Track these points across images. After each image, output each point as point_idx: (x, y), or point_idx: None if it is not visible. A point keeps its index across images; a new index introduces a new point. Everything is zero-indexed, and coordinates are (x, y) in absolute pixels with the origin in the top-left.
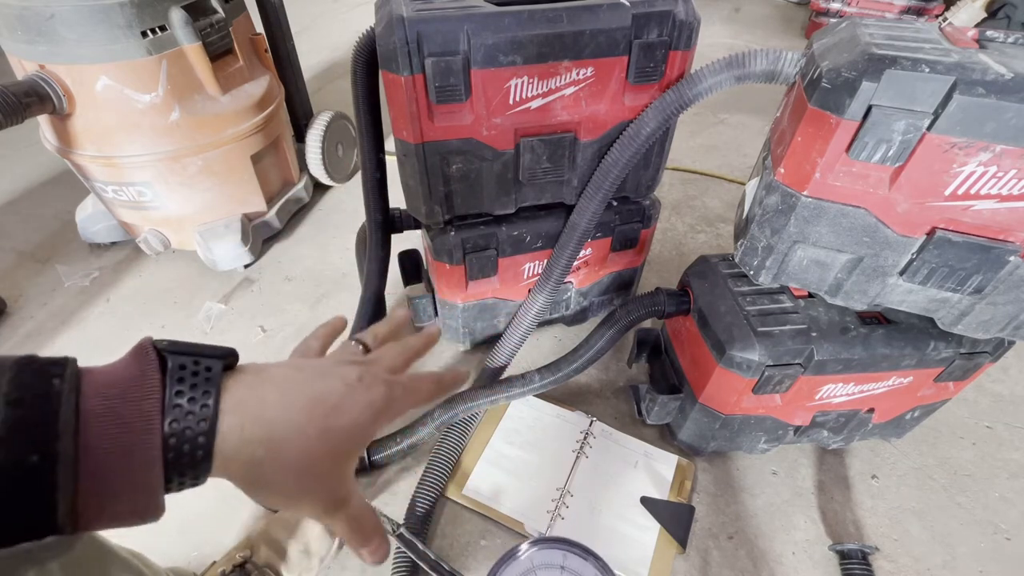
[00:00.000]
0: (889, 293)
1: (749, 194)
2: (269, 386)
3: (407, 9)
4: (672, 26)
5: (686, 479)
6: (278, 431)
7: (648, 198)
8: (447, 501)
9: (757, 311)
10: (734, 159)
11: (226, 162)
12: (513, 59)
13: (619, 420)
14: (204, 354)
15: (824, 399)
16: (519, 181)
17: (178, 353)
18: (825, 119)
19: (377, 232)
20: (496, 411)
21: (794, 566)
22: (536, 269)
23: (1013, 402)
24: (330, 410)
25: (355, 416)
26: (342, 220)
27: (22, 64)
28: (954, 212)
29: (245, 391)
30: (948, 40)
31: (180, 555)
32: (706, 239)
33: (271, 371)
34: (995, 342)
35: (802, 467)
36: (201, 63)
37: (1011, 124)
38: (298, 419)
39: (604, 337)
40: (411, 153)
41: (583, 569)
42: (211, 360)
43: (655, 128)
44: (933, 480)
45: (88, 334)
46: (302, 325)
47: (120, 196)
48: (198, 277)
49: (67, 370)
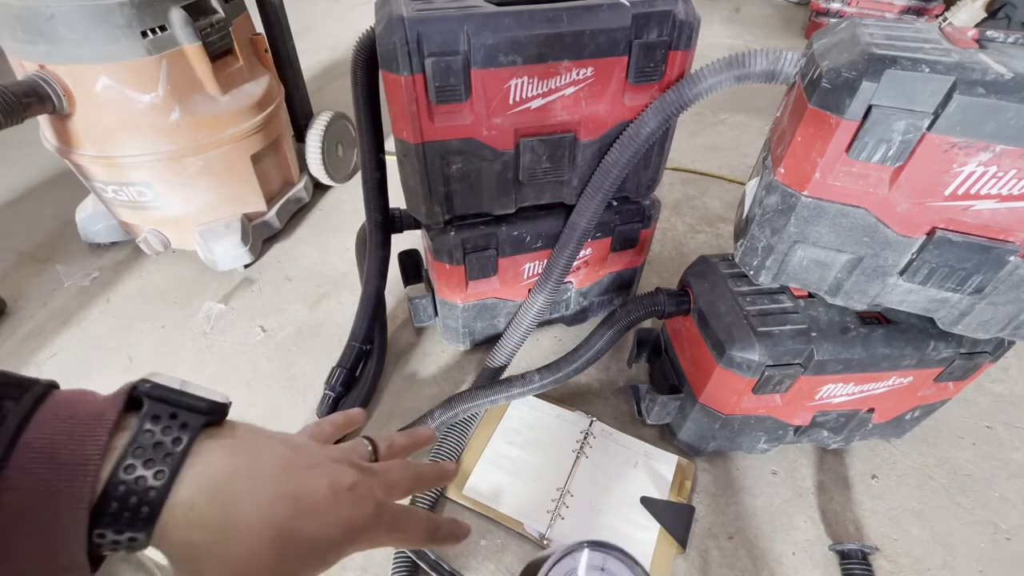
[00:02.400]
0: (889, 293)
1: (749, 194)
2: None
3: (407, 9)
4: (672, 26)
5: (686, 479)
6: (231, 520)
7: (648, 198)
8: (447, 501)
9: (757, 311)
10: (734, 159)
11: (226, 162)
12: (513, 59)
13: (619, 420)
14: (186, 406)
15: (824, 399)
16: (519, 181)
17: (158, 400)
18: (825, 119)
19: (377, 232)
20: (496, 411)
21: (794, 566)
22: (536, 269)
23: (1013, 402)
24: (300, 512)
25: (325, 529)
26: (342, 220)
27: (22, 64)
28: (954, 212)
29: (217, 460)
30: (948, 40)
31: None
32: (706, 239)
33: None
34: (995, 342)
35: (802, 467)
36: (201, 63)
37: (1011, 124)
38: (258, 513)
39: (604, 337)
40: (411, 153)
41: (620, 571)
42: (191, 415)
43: (655, 128)
44: (933, 480)
45: (88, 334)
46: (302, 325)
47: (120, 196)
48: (198, 277)
49: (27, 394)
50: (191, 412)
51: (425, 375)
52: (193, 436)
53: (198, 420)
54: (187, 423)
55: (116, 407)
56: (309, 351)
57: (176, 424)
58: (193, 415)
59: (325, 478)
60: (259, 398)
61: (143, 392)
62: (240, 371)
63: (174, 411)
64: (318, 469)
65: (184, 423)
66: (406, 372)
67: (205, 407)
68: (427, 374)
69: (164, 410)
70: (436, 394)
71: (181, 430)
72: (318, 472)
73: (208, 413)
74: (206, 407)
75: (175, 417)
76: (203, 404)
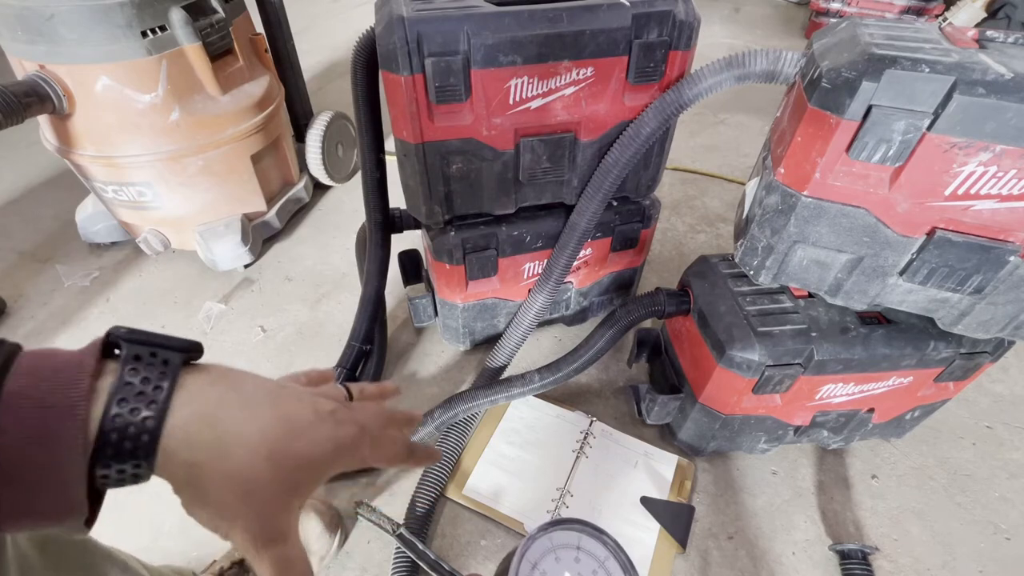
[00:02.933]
0: (889, 293)
1: (749, 194)
2: (232, 388)
3: (407, 9)
4: (672, 26)
5: (686, 479)
6: (227, 439)
7: (648, 198)
8: (447, 501)
9: (757, 311)
10: (734, 159)
11: (226, 162)
12: (513, 59)
13: (619, 420)
14: (163, 345)
15: (824, 399)
16: (519, 181)
17: (135, 342)
18: (825, 119)
19: (377, 232)
20: (496, 411)
21: (794, 566)
22: (536, 269)
23: (1013, 402)
24: (290, 432)
25: (315, 446)
26: (342, 220)
27: (22, 64)
28: (954, 212)
29: (203, 387)
30: (948, 40)
31: (180, 553)
32: (706, 239)
33: (241, 376)
34: (995, 342)
35: (802, 467)
36: (201, 63)
37: (1011, 124)
38: (251, 431)
39: (604, 337)
40: (411, 153)
41: (595, 549)
42: (170, 352)
43: (655, 128)
44: (933, 480)
45: (88, 334)
46: (302, 325)
47: (120, 196)
48: (198, 277)
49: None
50: (169, 350)
51: (425, 375)
52: (176, 369)
53: (178, 356)
54: (168, 359)
55: (94, 354)
56: (309, 351)
57: (158, 361)
58: (172, 352)
59: (309, 405)
60: None
61: (119, 336)
62: None
63: (153, 350)
64: (302, 398)
65: (165, 359)
66: (406, 372)
67: (182, 344)
68: (427, 374)
69: (143, 350)
70: (436, 394)
71: (164, 365)
72: (302, 401)
73: (186, 350)
74: (183, 344)
75: (155, 356)
76: (179, 342)
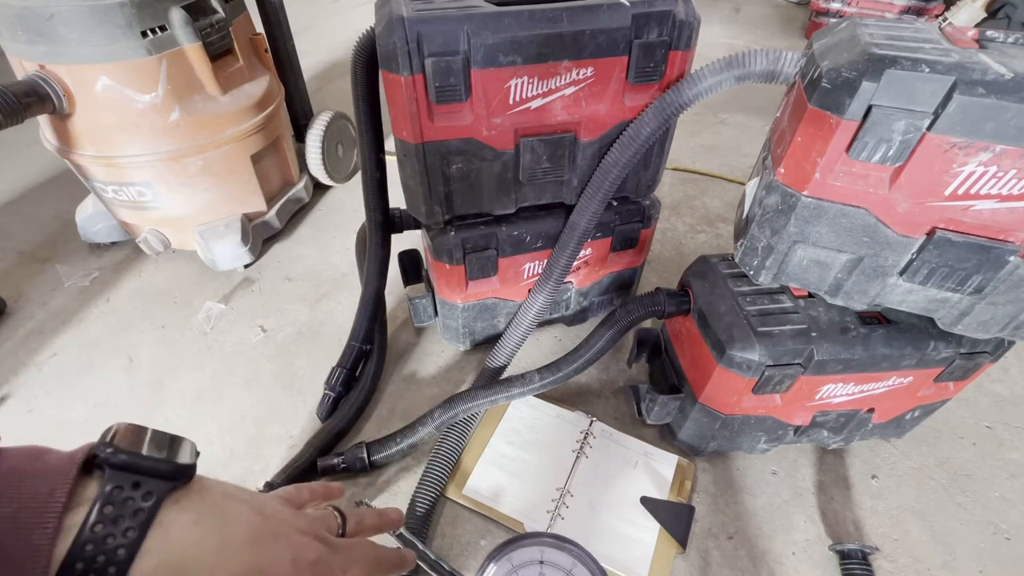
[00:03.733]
0: (889, 293)
1: (749, 194)
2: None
3: (407, 9)
4: (672, 26)
5: (686, 479)
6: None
7: (648, 198)
8: (447, 501)
9: (757, 311)
10: (734, 159)
11: (226, 162)
12: (513, 59)
13: (619, 420)
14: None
15: (824, 399)
16: (519, 181)
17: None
18: (825, 119)
19: (377, 232)
20: (496, 411)
21: (794, 566)
22: (536, 269)
23: (1013, 402)
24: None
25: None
26: (342, 220)
27: (22, 64)
28: (954, 212)
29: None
30: (948, 40)
31: None
32: (706, 239)
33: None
34: (995, 342)
35: (802, 467)
36: (201, 63)
37: (1011, 124)
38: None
39: (604, 337)
40: (411, 153)
41: (560, 559)
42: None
43: (655, 128)
44: (933, 480)
45: (88, 334)
46: (302, 325)
47: (120, 196)
48: (198, 277)
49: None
50: (155, 478)
51: (425, 375)
52: (156, 505)
53: (162, 487)
54: (151, 491)
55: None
56: (309, 351)
57: (139, 494)
58: (157, 481)
59: (289, 551)
60: (259, 398)
61: (103, 459)
62: (240, 371)
63: (137, 479)
64: (284, 541)
65: (148, 491)
66: (406, 372)
67: (169, 471)
68: (427, 374)
69: (126, 479)
70: (436, 394)
71: (144, 499)
72: (283, 545)
73: (173, 478)
74: (170, 471)
75: (138, 486)
76: (167, 468)
